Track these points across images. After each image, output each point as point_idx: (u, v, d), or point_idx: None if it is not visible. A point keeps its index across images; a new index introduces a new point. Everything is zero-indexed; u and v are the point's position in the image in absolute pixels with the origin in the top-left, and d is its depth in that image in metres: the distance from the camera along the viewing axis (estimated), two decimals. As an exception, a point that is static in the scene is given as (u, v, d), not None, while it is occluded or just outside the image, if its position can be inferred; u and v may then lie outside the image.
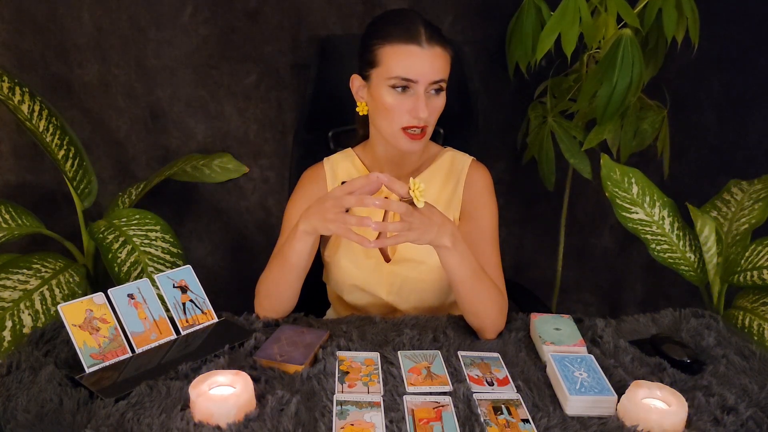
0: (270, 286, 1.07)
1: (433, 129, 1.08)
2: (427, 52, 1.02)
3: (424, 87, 1.03)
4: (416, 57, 1.02)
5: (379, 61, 1.04)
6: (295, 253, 1.02)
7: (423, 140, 1.07)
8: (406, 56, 1.02)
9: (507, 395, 0.85)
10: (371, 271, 1.15)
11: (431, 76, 1.02)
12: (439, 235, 0.94)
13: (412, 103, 1.03)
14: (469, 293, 1.01)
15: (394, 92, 1.03)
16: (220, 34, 1.71)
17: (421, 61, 1.02)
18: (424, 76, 1.02)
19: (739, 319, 1.40)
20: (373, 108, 1.08)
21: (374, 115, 1.09)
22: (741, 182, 1.62)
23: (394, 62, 1.02)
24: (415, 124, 1.04)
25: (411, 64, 1.02)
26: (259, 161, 1.85)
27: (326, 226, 0.94)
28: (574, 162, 1.62)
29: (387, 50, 1.03)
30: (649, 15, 1.44)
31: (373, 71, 1.06)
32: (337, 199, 0.93)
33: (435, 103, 1.05)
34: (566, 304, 2.13)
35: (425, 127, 1.05)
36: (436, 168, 1.18)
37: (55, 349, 0.93)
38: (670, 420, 0.77)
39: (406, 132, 1.05)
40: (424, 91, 1.03)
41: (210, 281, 1.10)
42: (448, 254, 0.97)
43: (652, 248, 1.47)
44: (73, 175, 1.54)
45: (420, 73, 1.02)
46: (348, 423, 0.77)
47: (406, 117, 1.04)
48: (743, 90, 1.87)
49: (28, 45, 1.65)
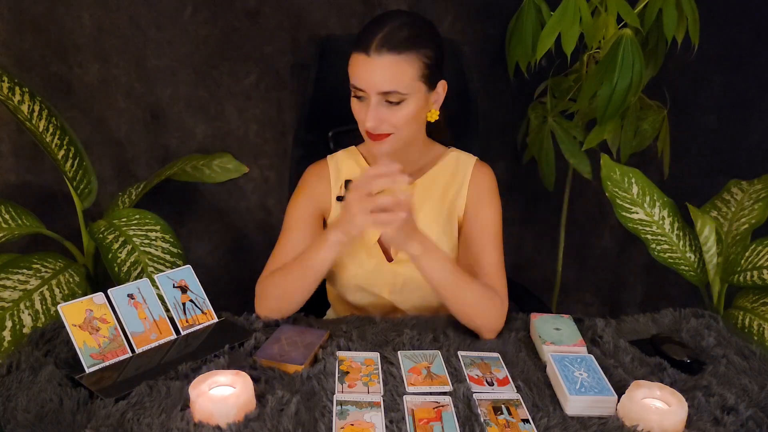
0: (288, 290, 1.07)
1: (407, 132, 1.05)
2: (374, 61, 0.99)
3: (374, 97, 1.01)
4: (361, 66, 1.00)
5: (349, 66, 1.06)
6: (319, 261, 1.04)
7: (390, 142, 1.04)
8: (354, 65, 1.02)
9: (507, 395, 0.85)
10: (373, 271, 1.15)
11: (378, 87, 0.99)
12: (406, 241, 0.98)
13: (367, 108, 1.02)
14: (451, 297, 1.03)
15: (355, 99, 1.04)
16: (220, 34, 1.71)
17: (365, 70, 1.00)
18: (370, 86, 1.00)
19: (739, 319, 1.40)
20: None
21: None
22: (741, 182, 1.62)
23: (350, 70, 1.03)
24: (370, 130, 1.03)
25: (358, 73, 1.01)
26: (259, 161, 1.85)
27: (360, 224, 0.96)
28: (574, 162, 1.62)
29: (351, 58, 1.04)
30: (649, 15, 1.44)
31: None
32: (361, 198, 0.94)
33: (394, 113, 1.02)
34: (566, 304, 2.13)
35: (383, 134, 1.03)
36: (439, 168, 1.18)
37: (55, 349, 0.93)
38: (670, 420, 0.77)
39: (369, 135, 1.04)
40: (378, 102, 1.01)
41: (210, 281, 1.09)
42: (419, 261, 1.00)
43: (652, 248, 1.47)
44: (73, 175, 1.54)
45: (365, 82, 1.00)
46: (348, 423, 0.77)
47: (364, 121, 1.03)
48: (743, 90, 1.87)
49: (28, 45, 1.65)
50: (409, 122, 1.04)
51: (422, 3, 1.73)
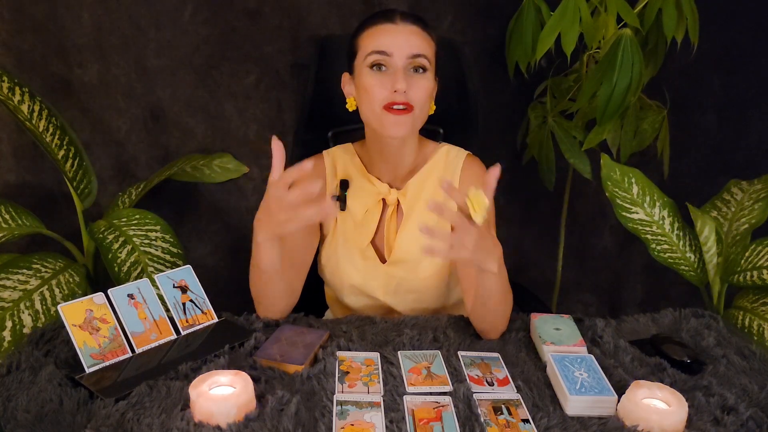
0: (259, 292, 1.06)
1: (422, 115, 1.05)
2: (401, 27, 1.03)
3: (402, 62, 1.01)
4: (389, 32, 1.02)
5: (357, 48, 1.06)
6: (263, 262, 0.99)
7: (409, 121, 1.03)
8: (379, 33, 1.03)
9: (507, 395, 0.85)
10: (367, 272, 1.14)
11: (407, 50, 1.01)
12: (487, 260, 0.91)
13: (390, 78, 1.01)
14: (491, 309, 0.99)
15: (372, 72, 1.03)
16: (220, 34, 1.71)
17: (393, 35, 1.02)
18: (399, 48, 1.01)
19: (739, 319, 1.40)
20: (358, 97, 1.08)
21: (360, 105, 1.08)
22: (741, 182, 1.61)
23: (368, 42, 1.03)
24: (395, 99, 1.00)
25: (384, 38, 1.02)
26: (259, 161, 1.85)
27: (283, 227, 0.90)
28: (574, 162, 1.62)
29: (363, 36, 1.05)
30: (649, 15, 1.44)
31: (354, 61, 1.07)
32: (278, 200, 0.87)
33: (418, 82, 1.02)
34: (566, 304, 2.13)
35: (409, 105, 1.01)
36: (431, 166, 1.17)
37: (55, 349, 0.93)
38: (670, 420, 0.77)
39: (389, 109, 1.01)
40: (404, 68, 1.01)
41: (210, 281, 1.09)
42: (491, 279, 0.94)
43: (652, 248, 1.47)
44: (73, 175, 1.54)
45: (394, 45, 1.01)
46: (348, 423, 0.77)
47: (385, 93, 1.01)
48: (743, 90, 1.87)
49: (28, 45, 1.65)
50: (425, 101, 1.05)
51: (422, 3, 1.73)
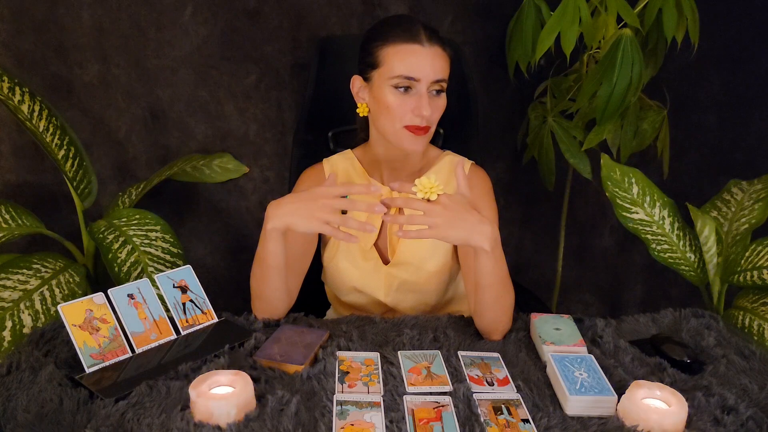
0: (258, 289, 1.06)
1: (434, 130, 1.09)
2: (428, 50, 1.03)
3: (426, 86, 1.03)
4: (418, 55, 1.02)
5: (380, 61, 1.05)
6: (269, 254, 0.99)
7: (425, 138, 1.07)
8: (407, 55, 1.02)
9: (507, 395, 0.85)
10: (369, 273, 1.14)
11: (432, 75, 1.03)
12: (473, 235, 0.91)
13: (415, 102, 1.03)
14: (492, 298, 0.98)
15: (396, 92, 1.03)
16: (220, 34, 1.71)
17: (422, 59, 1.02)
18: (426, 75, 1.02)
19: (739, 319, 1.40)
20: (375, 109, 1.08)
21: (376, 116, 1.09)
22: (741, 182, 1.61)
23: (396, 61, 1.03)
24: (418, 123, 1.04)
25: (413, 62, 1.02)
26: (259, 161, 1.85)
27: (312, 224, 0.92)
28: (574, 162, 1.62)
29: (388, 50, 1.03)
30: (649, 15, 1.44)
31: (374, 72, 1.06)
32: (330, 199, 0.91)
33: (437, 102, 1.05)
34: (566, 304, 2.13)
35: (428, 126, 1.05)
36: (435, 171, 1.18)
37: (55, 349, 0.93)
38: (670, 420, 0.77)
39: (409, 129, 1.04)
40: (426, 91, 1.03)
41: (210, 281, 1.10)
42: (485, 257, 0.94)
43: (653, 248, 1.47)
44: (73, 175, 1.54)
45: (422, 71, 1.02)
46: (348, 423, 0.77)
47: (409, 116, 1.04)
48: (743, 90, 1.87)
49: (28, 45, 1.65)
50: (439, 116, 1.07)
51: (422, 3, 1.73)
